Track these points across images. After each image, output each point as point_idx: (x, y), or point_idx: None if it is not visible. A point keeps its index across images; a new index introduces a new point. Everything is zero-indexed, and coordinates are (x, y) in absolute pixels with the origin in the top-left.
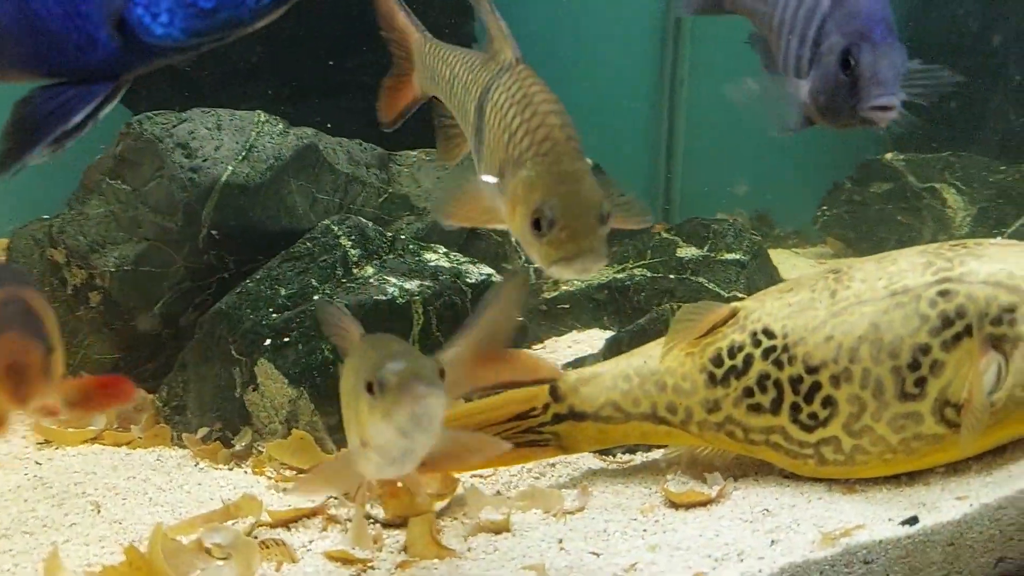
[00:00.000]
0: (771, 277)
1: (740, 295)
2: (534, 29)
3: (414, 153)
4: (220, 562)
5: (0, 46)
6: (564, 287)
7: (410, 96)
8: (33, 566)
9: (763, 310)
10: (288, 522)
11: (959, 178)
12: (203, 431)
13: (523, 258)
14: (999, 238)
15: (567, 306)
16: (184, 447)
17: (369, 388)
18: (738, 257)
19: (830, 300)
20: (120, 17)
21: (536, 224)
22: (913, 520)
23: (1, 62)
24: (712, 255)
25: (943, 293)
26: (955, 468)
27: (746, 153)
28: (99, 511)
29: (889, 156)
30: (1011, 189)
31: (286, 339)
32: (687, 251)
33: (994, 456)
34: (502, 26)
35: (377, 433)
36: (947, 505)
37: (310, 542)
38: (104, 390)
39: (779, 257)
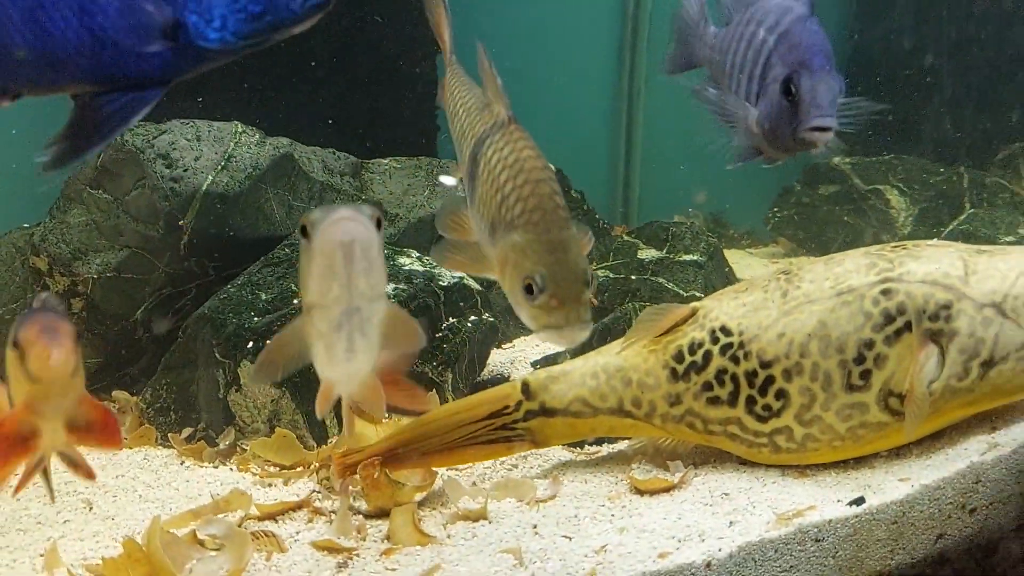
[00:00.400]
0: (726, 277)
1: (698, 294)
2: (495, 36)
3: (385, 161)
4: (214, 553)
5: (66, 61)
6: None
7: None
8: (31, 561)
9: (720, 309)
10: (275, 515)
11: (901, 180)
12: (187, 431)
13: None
14: (935, 240)
15: None
16: (169, 447)
17: (304, 234)
18: (695, 258)
19: (782, 300)
20: (176, 24)
21: (527, 289)
22: (860, 501)
23: (65, 75)
24: (671, 256)
25: (885, 292)
26: (898, 452)
27: (700, 158)
28: (91, 508)
29: (836, 160)
30: (949, 190)
31: (268, 342)
32: (647, 253)
33: (933, 440)
34: (497, 80)
35: (311, 281)
36: (891, 486)
37: (297, 533)
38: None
39: (733, 256)
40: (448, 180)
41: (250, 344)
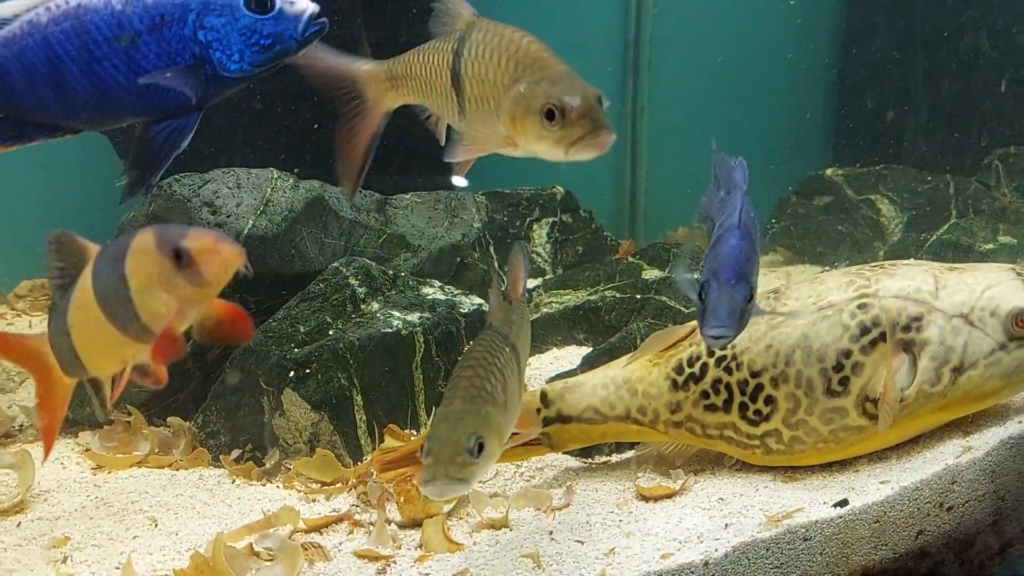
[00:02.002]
0: None
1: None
2: None
3: (407, 196)
4: (268, 563)
5: (119, 100)
6: (544, 310)
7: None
8: (107, 573)
9: None
10: (320, 527)
11: (891, 189)
12: (236, 452)
13: (503, 284)
14: (912, 259)
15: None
16: (221, 467)
17: (550, 115)
18: (696, 277)
19: (770, 316)
20: (203, 61)
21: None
22: (844, 503)
23: (119, 113)
24: (672, 276)
25: (861, 306)
26: (879, 457)
27: (702, 173)
28: (156, 525)
29: (829, 171)
30: (936, 197)
31: (307, 370)
32: (651, 273)
33: (911, 446)
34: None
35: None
36: (872, 488)
37: (340, 543)
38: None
39: None
40: (460, 181)
41: (291, 373)
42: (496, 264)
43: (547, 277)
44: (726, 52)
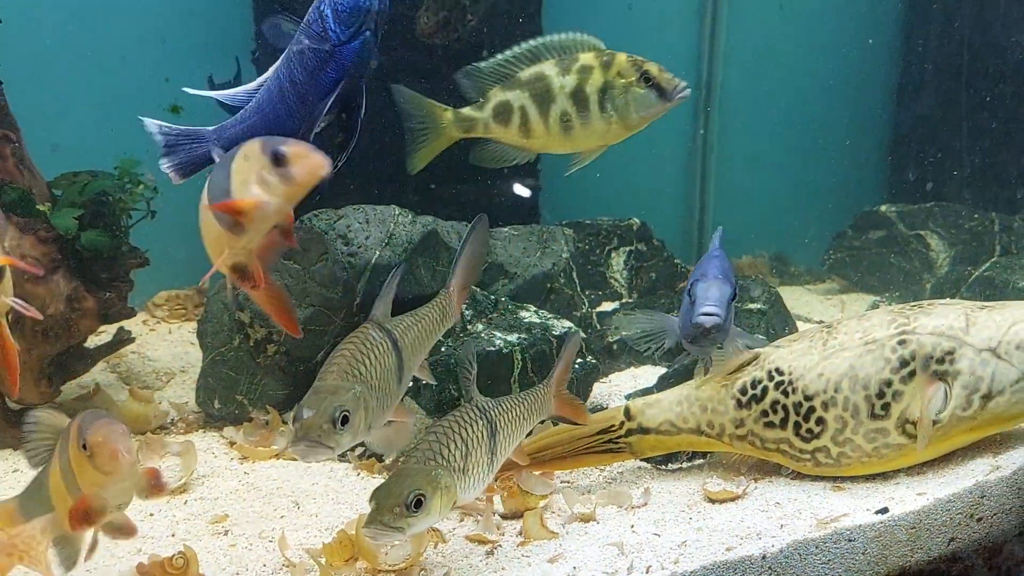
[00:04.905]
0: (785, 320)
1: (760, 337)
2: None
3: (505, 229)
4: (398, 542)
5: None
6: (625, 333)
7: None
8: (262, 545)
9: (776, 355)
10: None
11: (940, 225)
12: (359, 449)
13: (586, 304)
14: (947, 299)
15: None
16: (347, 461)
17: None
18: (760, 307)
19: (822, 347)
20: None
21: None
22: (884, 510)
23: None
24: (739, 305)
25: (901, 342)
26: (917, 471)
27: (766, 208)
28: (299, 507)
29: (883, 207)
30: (982, 233)
31: (423, 381)
32: None
33: (945, 462)
34: None
35: None
36: (910, 499)
37: (453, 529)
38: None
39: (795, 294)
40: (522, 191)
41: (410, 383)
42: (579, 288)
43: (624, 301)
44: (791, 96)
